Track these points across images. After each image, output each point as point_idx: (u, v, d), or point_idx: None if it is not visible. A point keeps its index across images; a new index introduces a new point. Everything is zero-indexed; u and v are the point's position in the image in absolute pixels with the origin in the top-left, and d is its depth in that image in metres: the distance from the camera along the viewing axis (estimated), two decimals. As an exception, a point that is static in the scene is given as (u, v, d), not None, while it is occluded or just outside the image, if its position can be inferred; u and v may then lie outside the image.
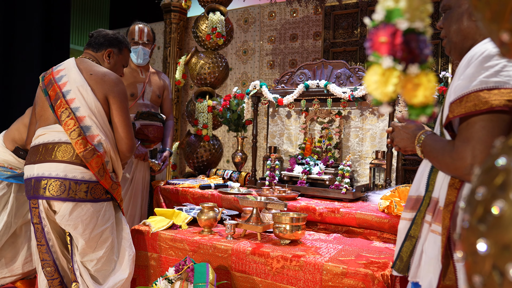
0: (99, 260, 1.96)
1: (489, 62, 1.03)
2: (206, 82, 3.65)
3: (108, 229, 1.98)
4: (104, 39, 2.19)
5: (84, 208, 1.91)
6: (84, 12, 8.61)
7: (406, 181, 3.47)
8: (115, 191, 2.02)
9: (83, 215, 1.91)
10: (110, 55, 2.21)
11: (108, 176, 1.98)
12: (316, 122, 2.95)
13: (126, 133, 2.04)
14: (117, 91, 2.04)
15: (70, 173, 1.91)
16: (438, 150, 1.13)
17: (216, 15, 3.56)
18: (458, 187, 1.10)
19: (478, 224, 0.49)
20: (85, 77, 2.03)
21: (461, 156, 1.04)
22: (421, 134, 1.22)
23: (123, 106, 2.05)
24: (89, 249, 1.94)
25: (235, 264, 1.91)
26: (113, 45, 2.21)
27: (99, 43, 2.19)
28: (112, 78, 2.05)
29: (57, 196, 1.89)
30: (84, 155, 1.91)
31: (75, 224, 1.90)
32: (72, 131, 1.93)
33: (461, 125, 1.08)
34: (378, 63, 0.59)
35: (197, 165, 3.56)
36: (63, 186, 1.89)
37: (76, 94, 1.98)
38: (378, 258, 1.77)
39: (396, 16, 0.58)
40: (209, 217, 2.14)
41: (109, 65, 2.20)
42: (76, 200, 1.90)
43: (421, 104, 0.61)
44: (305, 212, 2.28)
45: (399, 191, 2.23)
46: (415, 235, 1.23)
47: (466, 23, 1.21)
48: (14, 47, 5.08)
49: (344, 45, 4.65)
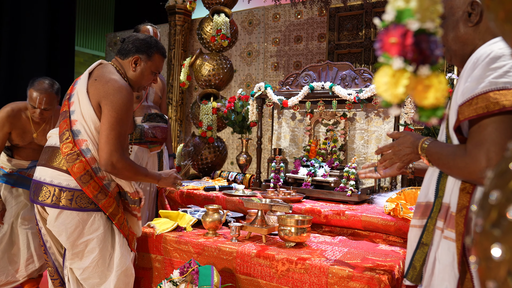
0: (85, 269, 1.91)
1: (496, 63, 1.02)
2: (211, 84, 3.65)
3: (94, 240, 1.89)
4: (132, 45, 2.03)
5: (69, 216, 1.86)
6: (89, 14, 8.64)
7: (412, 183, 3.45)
8: (101, 202, 1.88)
9: (67, 222, 1.86)
10: (136, 62, 2.03)
11: (97, 185, 1.88)
12: (321, 124, 2.94)
13: (104, 143, 1.83)
14: (113, 99, 1.86)
15: (56, 179, 1.88)
16: (447, 155, 1.12)
17: (220, 17, 3.56)
18: (471, 191, 1.08)
19: (492, 229, 0.48)
20: (90, 82, 1.94)
21: (475, 160, 1.02)
22: (423, 143, 1.21)
23: (114, 115, 1.85)
24: (75, 257, 1.91)
25: (240, 266, 1.90)
26: (140, 51, 2.03)
27: (126, 49, 2.03)
28: (114, 86, 1.88)
29: (42, 202, 1.87)
30: (67, 159, 1.85)
31: (59, 231, 1.87)
32: (62, 133, 1.90)
33: (472, 128, 1.06)
34: (388, 64, 0.58)
35: (201, 167, 3.56)
36: (48, 192, 1.87)
37: (75, 98, 1.94)
38: (384, 261, 1.75)
39: (407, 17, 0.57)
40: (213, 219, 2.14)
41: (134, 72, 2.04)
42: (60, 207, 1.85)
43: (432, 106, 0.60)
44: (310, 214, 2.27)
45: (405, 194, 2.21)
46: (427, 243, 1.20)
47: (463, 29, 1.21)
48: (20, 48, 5.11)
49: (349, 46, 4.64)
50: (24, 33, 5.14)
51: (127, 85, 1.95)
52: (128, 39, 2.07)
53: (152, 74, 2.10)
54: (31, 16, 5.19)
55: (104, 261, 1.93)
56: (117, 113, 1.86)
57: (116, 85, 1.89)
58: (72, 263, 1.92)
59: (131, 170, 1.90)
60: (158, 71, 2.12)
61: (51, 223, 1.87)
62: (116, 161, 1.83)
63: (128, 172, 1.90)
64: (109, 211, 1.92)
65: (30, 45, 5.16)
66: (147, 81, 2.10)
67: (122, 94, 1.88)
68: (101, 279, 1.93)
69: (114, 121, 1.84)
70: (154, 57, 2.06)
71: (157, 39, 2.13)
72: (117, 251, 1.94)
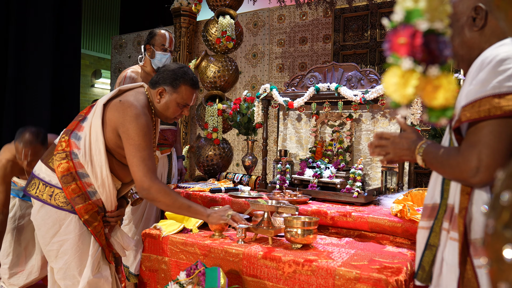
0: (59, 270, 1.90)
1: (502, 67, 1.02)
2: (216, 85, 3.66)
3: (68, 242, 1.87)
4: (162, 75, 2.00)
5: (48, 212, 1.88)
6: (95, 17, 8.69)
7: (419, 184, 3.43)
8: (78, 206, 1.86)
9: (46, 218, 1.88)
10: (162, 93, 2.00)
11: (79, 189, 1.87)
12: (327, 125, 2.93)
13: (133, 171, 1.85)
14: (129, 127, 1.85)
15: (42, 173, 1.93)
16: (442, 155, 1.13)
17: (226, 18, 3.57)
18: (469, 192, 1.09)
19: (504, 230, 0.47)
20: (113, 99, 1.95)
21: (467, 159, 1.04)
22: (422, 144, 1.21)
23: (131, 142, 1.85)
24: (49, 256, 1.92)
25: (247, 268, 1.90)
26: (166, 83, 1.98)
27: (156, 79, 2.01)
28: (132, 112, 1.87)
29: (28, 191, 1.94)
30: (56, 157, 1.88)
31: (39, 224, 1.90)
32: (63, 132, 1.97)
33: (470, 129, 1.08)
34: (397, 65, 0.58)
35: (207, 168, 3.56)
36: (34, 184, 1.94)
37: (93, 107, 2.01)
38: (392, 263, 1.75)
39: (416, 17, 0.56)
40: (220, 221, 2.13)
41: (159, 104, 2.01)
42: (41, 201, 1.89)
43: (441, 107, 0.59)
44: (317, 216, 2.26)
45: (412, 195, 2.20)
46: (434, 244, 1.22)
47: (469, 34, 1.22)
48: (26, 52, 5.14)
49: (354, 47, 4.63)
50: (30, 36, 5.18)
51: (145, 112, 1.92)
52: (162, 69, 2.04)
53: (179, 106, 2.03)
54: (37, 18, 5.22)
55: (76, 266, 1.89)
56: (134, 140, 1.85)
57: (134, 111, 1.88)
58: (49, 261, 1.95)
59: (166, 195, 1.87)
60: (186, 104, 2.04)
61: (34, 215, 1.93)
62: (147, 185, 1.84)
63: (164, 198, 1.87)
64: (85, 217, 1.88)
65: (36, 48, 5.19)
66: (174, 113, 2.05)
67: (137, 122, 1.86)
68: (73, 283, 1.91)
69: (133, 148, 1.85)
70: (180, 88, 1.99)
71: (187, 69, 2.05)
72: (89, 260, 1.90)
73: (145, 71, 3.07)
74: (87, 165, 1.89)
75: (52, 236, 1.89)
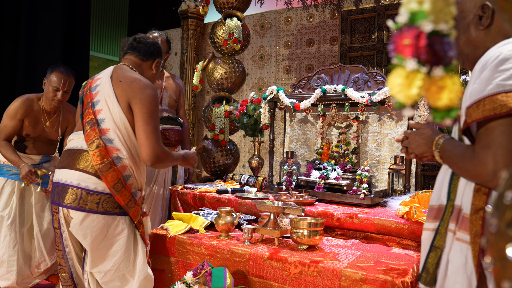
0: (106, 273, 1.91)
1: (505, 65, 1.02)
2: (223, 87, 3.68)
3: (117, 243, 1.91)
4: (154, 48, 2.16)
5: (95, 220, 1.87)
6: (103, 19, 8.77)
7: (426, 186, 3.42)
8: (131, 210, 1.93)
9: (93, 226, 1.87)
10: (157, 64, 2.18)
11: (128, 192, 1.92)
12: (334, 127, 2.93)
13: (145, 139, 1.89)
14: (143, 96, 1.93)
15: (83, 182, 1.88)
16: (458, 155, 1.12)
17: (233, 21, 3.59)
18: (487, 192, 1.07)
19: (507, 229, 0.48)
20: (114, 85, 1.98)
21: (483, 162, 1.03)
22: (439, 139, 1.20)
23: (146, 111, 1.93)
24: (98, 260, 1.91)
25: (253, 269, 1.90)
26: (160, 55, 2.19)
27: (149, 52, 2.14)
28: (140, 84, 1.96)
29: (68, 205, 1.87)
30: (100, 168, 1.86)
31: (85, 234, 1.87)
32: (91, 142, 1.90)
33: (480, 130, 1.06)
34: (402, 66, 0.58)
35: (213, 170, 3.58)
36: (74, 194, 1.87)
37: (103, 105, 1.96)
38: (398, 264, 1.74)
39: (420, 18, 0.57)
40: (226, 221, 2.15)
41: (154, 74, 2.20)
42: (86, 211, 1.86)
43: (445, 107, 0.60)
44: (323, 217, 2.27)
45: (419, 197, 2.20)
46: (439, 246, 1.20)
47: (474, 33, 1.21)
48: (36, 54, 5.21)
49: (361, 49, 4.63)
50: (40, 38, 5.24)
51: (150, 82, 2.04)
52: (147, 41, 2.15)
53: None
54: (47, 21, 5.29)
55: (126, 265, 1.93)
56: (148, 108, 1.94)
57: (142, 83, 1.98)
58: (93, 266, 1.92)
59: (170, 158, 2.02)
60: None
61: (75, 226, 1.87)
62: (160, 153, 1.93)
63: (168, 160, 2.02)
64: (137, 220, 1.97)
65: (46, 50, 5.25)
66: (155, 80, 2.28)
67: (150, 89, 1.98)
68: (122, 283, 1.93)
69: (147, 116, 1.93)
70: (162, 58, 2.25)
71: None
72: (140, 257, 1.96)
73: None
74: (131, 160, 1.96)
75: (100, 241, 1.89)
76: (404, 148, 1.37)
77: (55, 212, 1.96)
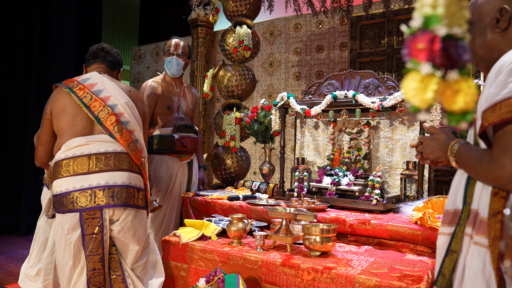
0: (145, 264, 2.08)
1: None
2: (234, 94, 3.69)
3: (149, 234, 2.14)
4: (119, 58, 2.36)
5: (141, 215, 2.06)
6: (114, 29, 8.89)
7: (439, 192, 3.38)
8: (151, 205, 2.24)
9: (141, 220, 2.05)
10: (120, 73, 2.39)
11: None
12: (345, 133, 2.93)
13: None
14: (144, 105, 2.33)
15: (133, 181, 2.03)
16: (474, 159, 1.11)
17: (243, 28, 3.61)
18: (505, 196, 1.07)
19: (527, 233, 0.47)
20: (126, 93, 2.17)
21: (501, 165, 1.03)
22: (454, 144, 1.20)
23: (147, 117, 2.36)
24: (141, 254, 2.06)
25: (265, 275, 1.90)
26: (121, 64, 2.38)
27: (115, 62, 2.32)
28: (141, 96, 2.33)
29: (127, 203, 1.98)
30: (142, 165, 2.07)
31: (135, 229, 2.01)
32: (131, 142, 2.05)
33: (497, 133, 1.07)
34: (417, 70, 0.58)
35: (224, 176, 3.58)
36: (130, 193, 2.00)
37: (125, 109, 2.08)
38: (412, 271, 1.72)
39: (434, 22, 0.57)
40: (238, 228, 2.15)
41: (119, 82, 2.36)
42: (136, 207, 2.02)
43: (461, 111, 0.60)
44: (335, 223, 2.25)
45: (432, 202, 2.17)
46: (456, 250, 1.20)
47: (490, 35, 1.22)
48: (48, 62, 5.30)
49: (371, 55, 4.62)
50: (52, 47, 5.34)
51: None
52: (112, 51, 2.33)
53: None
54: (59, 30, 5.38)
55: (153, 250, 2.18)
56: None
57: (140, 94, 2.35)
58: (135, 262, 2.05)
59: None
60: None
61: (126, 225, 1.99)
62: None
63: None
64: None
65: (58, 59, 5.35)
66: None
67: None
68: (152, 269, 2.14)
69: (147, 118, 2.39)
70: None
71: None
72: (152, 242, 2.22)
73: (165, 81, 3.14)
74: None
75: (143, 235, 2.07)
76: (419, 154, 1.36)
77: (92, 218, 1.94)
